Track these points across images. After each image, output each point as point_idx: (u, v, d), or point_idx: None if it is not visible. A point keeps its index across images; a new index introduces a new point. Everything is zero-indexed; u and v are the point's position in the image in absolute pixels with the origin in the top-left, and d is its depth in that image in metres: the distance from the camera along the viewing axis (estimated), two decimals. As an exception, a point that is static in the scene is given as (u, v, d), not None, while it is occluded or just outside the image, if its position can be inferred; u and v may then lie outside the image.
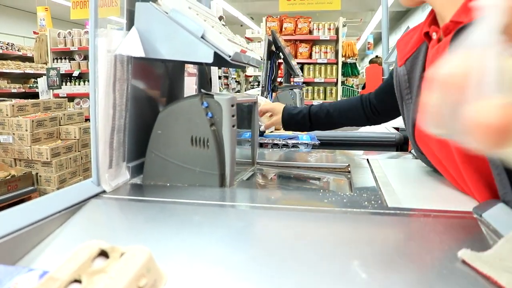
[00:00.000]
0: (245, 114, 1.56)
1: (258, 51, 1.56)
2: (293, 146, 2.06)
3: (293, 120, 1.67)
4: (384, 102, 1.52)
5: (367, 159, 1.61)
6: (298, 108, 1.69)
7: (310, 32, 7.28)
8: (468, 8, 0.97)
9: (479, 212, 0.91)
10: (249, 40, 10.32)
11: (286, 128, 1.71)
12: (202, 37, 1.12)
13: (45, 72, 7.27)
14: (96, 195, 1.05)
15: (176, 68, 1.52)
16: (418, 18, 12.84)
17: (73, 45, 7.54)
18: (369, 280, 0.59)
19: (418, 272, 0.68)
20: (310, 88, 7.33)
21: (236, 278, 0.68)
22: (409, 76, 1.21)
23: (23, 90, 9.92)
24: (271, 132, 2.33)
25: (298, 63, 5.19)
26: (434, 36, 1.11)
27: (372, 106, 1.57)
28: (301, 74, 3.66)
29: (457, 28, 0.95)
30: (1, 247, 0.73)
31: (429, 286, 0.64)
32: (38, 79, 7.90)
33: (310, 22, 7.25)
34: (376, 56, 9.73)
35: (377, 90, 1.55)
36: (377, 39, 18.25)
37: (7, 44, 10.38)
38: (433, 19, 1.14)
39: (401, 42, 1.28)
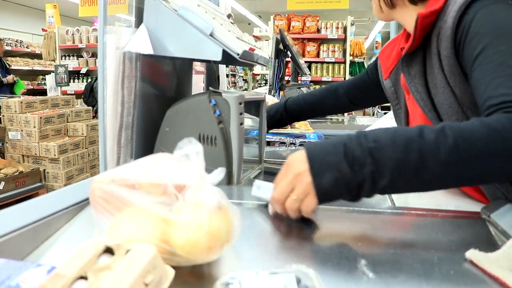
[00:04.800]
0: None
1: (266, 50, 1.56)
2: (300, 145, 2.05)
3: (273, 119, 1.76)
4: (358, 96, 1.58)
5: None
6: (275, 107, 1.77)
7: (318, 30, 7.26)
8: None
9: (488, 212, 0.90)
10: (257, 38, 10.30)
11: (271, 124, 1.78)
12: (211, 34, 1.12)
13: (53, 69, 7.31)
14: (103, 192, 1.05)
15: (184, 66, 1.53)
16: (427, 17, 12.71)
17: (81, 42, 7.57)
18: (376, 279, 0.59)
19: (425, 272, 0.67)
20: (317, 87, 7.31)
21: (242, 276, 0.68)
22: (395, 88, 1.24)
23: (31, 87, 9.97)
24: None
25: (305, 61, 5.18)
26: None
27: (345, 99, 1.61)
28: (309, 72, 3.66)
29: (401, 56, 1.12)
30: (10, 242, 0.73)
31: (436, 287, 0.63)
32: (46, 76, 7.96)
33: (318, 21, 7.22)
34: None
35: (348, 86, 1.60)
36: (385, 38, 18.17)
37: (16, 41, 10.45)
38: (408, 33, 1.17)
39: (383, 55, 1.30)
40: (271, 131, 2.25)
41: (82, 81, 7.67)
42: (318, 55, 7.31)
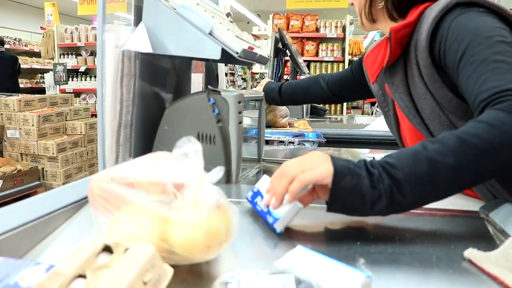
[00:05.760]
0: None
1: (264, 49, 1.56)
2: (299, 144, 2.06)
3: (271, 93, 1.84)
4: (341, 91, 1.70)
5: (373, 158, 1.60)
6: (278, 84, 1.87)
7: (317, 29, 7.24)
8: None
9: (486, 211, 0.90)
10: (256, 37, 10.28)
11: (266, 99, 1.79)
12: (210, 33, 1.12)
13: (51, 67, 7.29)
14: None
15: (183, 64, 1.52)
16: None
17: (80, 41, 7.54)
18: (374, 278, 0.59)
19: (424, 271, 0.67)
20: (316, 86, 7.28)
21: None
22: (382, 91, 1.27)
23: (30, 85, 9.95)
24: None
25: (304, 60, 5.16)
26: None
27: (328, 92, 1.72)
28: (308, 71, 3.65)
29: (383, 70, 1.17)
30: (9, 240, 0.73)
31: (435, 285, 0.63)
32: (44, 74, 7.93)
33: (317, 20, 7.20)
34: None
35: (333, 80, 1.70)
36: (384, 38, 18.15)
37: (15, 39, 10.42)
38: None
39: (368, 60, 1.32)
40: (270, 130, 2.25)
41: (81, 80, 7.64)
42: (317, 54, 7.29)
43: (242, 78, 12.73)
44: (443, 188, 0.76)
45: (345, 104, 7.14)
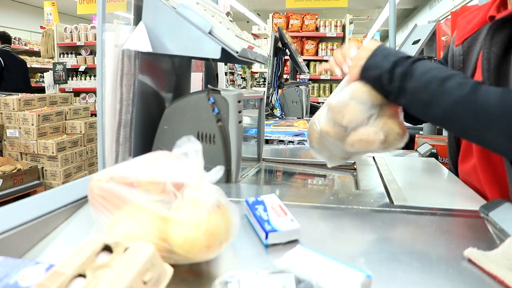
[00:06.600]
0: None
1: (264, 48, 1.56)
2: (298, 143, 2.06)
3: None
4: None
5: (373, 157, 1.60)
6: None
7: (317, 29, 7.24)
8: None
9: (486, 211, 0.90)
10: (256, 36, 10.27)
11: None
12: (209, 32, 1.12)
13: (51, 66, 7.28)
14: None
15: (183, 64, 1.52)
16: (426, 15, 12.77)
17: (80, 40, 7.54)
18: (374, 277, 0.59)
19: (424, 270, 0.67)
20: (316, 85, 7.29)
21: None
22: (464, 58, 1.17)
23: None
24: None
25: (304, 60, 5.17)
26: None
27: None
28: (307, 71, 3.65)
29: (493, 22, 1.01)
30: (8, 240, 0.73)
31: (435, 285, 0.63)
32: (44, 73, 7.92)
33: (316, 19, 7.20)
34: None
35: None
36: (384, 37, 18.19)
37: (14, 39, 10.40)
38: (502, 2, 1.08)
39: (463, 21, 1.21)
40: (270, 129, 2.25)
41: (81, 79, 7.64)
42: (316, 53, 7.29)
43: (241, 77, 12.73)
44: (430, 117, 0.95)
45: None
